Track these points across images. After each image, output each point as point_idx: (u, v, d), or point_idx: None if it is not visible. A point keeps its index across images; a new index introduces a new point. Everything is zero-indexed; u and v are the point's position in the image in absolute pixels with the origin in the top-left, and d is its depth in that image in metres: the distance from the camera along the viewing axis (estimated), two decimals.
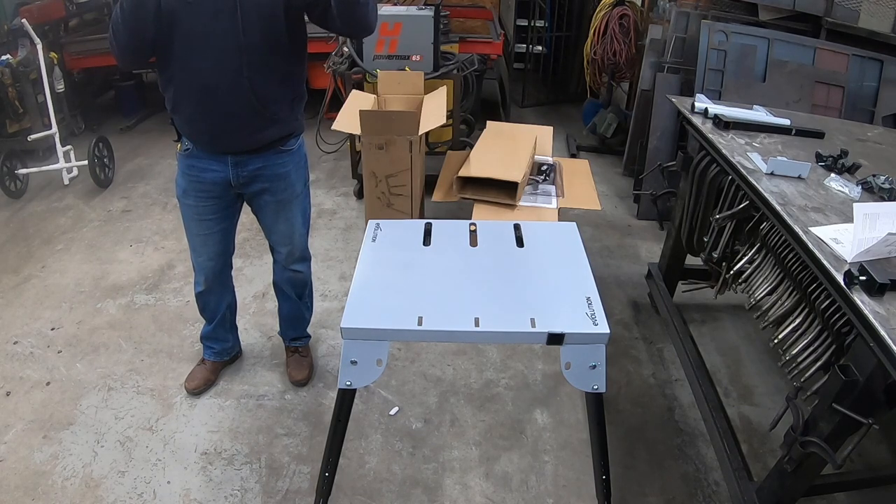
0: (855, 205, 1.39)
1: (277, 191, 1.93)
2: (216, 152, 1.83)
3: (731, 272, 1.92)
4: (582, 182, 2.87)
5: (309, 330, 2.37)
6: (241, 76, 1.67)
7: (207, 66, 1.66)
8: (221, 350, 2.28)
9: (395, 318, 1.35)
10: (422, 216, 3.12)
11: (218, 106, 1.71)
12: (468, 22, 4.67)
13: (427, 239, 1.64)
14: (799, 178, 1.73)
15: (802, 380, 1.49)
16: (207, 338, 2.26)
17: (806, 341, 1.49)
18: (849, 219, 1.46)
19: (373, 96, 3.18)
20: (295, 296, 2.22)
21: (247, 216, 2.09)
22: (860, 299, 1.23)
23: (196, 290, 2.15)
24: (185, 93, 1.73)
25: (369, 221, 1.71)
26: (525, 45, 5.52)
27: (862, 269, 1.26)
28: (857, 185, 1.69)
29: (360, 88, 3.36)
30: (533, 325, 1.31)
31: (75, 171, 3.81)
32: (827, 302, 1.40)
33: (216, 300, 2.18)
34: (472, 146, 3.01)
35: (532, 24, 5.31)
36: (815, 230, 1.45)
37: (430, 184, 3.07)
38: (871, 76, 3.06)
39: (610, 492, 1.66)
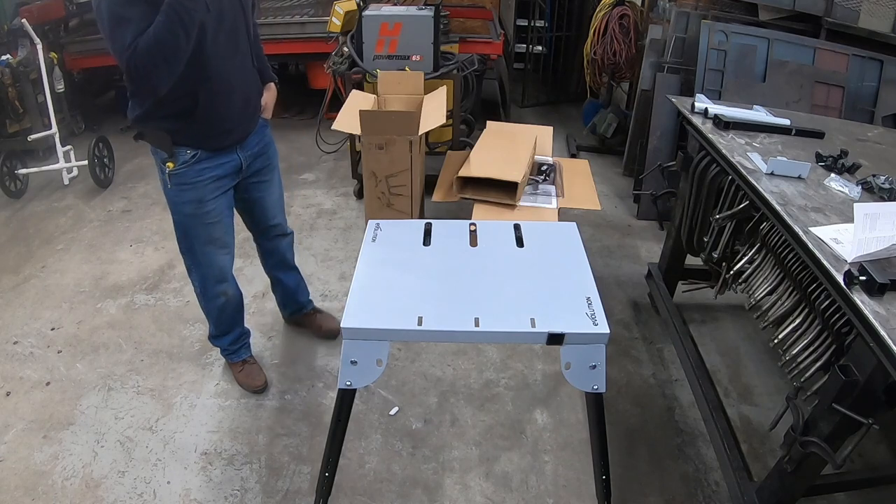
0: (855, 205, 1.39)
1: (272, 155, 2.06)
2: (230, 144, 1.86)
3: (731, 272, 1.92)
4: (582, 182, 2.86)
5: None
6: (252, 65, 1.88)
7: (233, 63, 1.76)
8: (249, 340, 2.31)
9: (395, 318, 1.35)
10: (422, 216, 3.12)
11: (239, 97, 1.83)
12: (468, 22, 4.67)
13: (427, 239, 1.64)
14: (799, 178, 1.73)
15: (802, 380, 1.49)
16: (243, 335, 2.26)
17: (806, 341, 1.49)
18: (849, 219, 1.46)
19: (373, 96, 3.18)
20: (293, 260, 2.33)
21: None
22: (860, 299, 1.23)
23: (220, 302, 2.09)
24: (212, 93, 1.73)
25: (369, 221, 1.71)
26: (525, 45, 5.52)
27: (862, 269, 1.26)
28: (857, 185, 1.69)
29: (360, 88, 3.36)
30: (533, 325, 1.31)
31: (75, 171, 3.81)
32: (827, 302, 1.40)
33: (239, 296, 2.18)
34: (472, 146, 3.01)
35: (532, 24, 5.31)
36: (815, 230, 1.45)
37: (430, 184, 3.07)
38: (871, 76, 3.06)
39: (610, 492, 1.66)
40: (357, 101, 3.04)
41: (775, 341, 1.60)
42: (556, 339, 1.31)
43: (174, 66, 1.56)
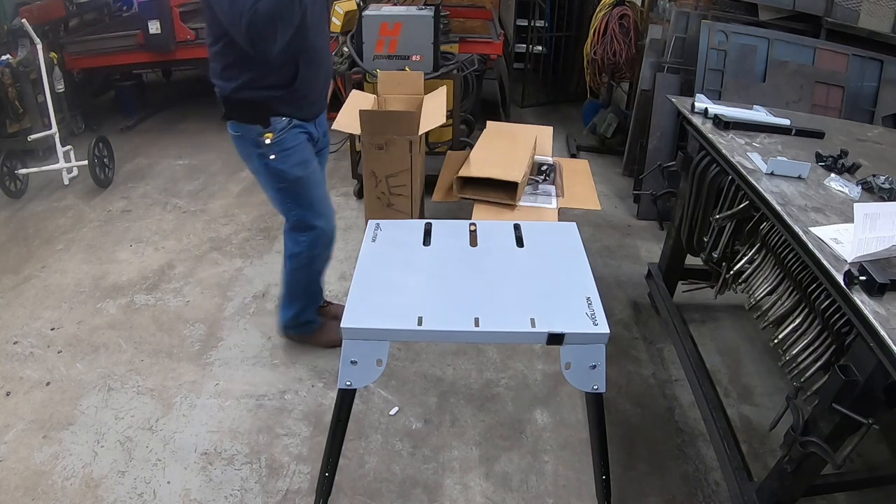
0: (855, 205, 1.39)
1: (328, 139, 2.20)
2: (313, 116, 2.00)
3: (731, 272, 1.92)
4: (582, 182, 2.86)
5: None
6: (329, 43, 2.08)
7: (323, 37, 1.92)
8: None
9: (395, 318, 1.35)
10: (422, 216, 3.12)
11: (325, 70, 1.99)
12: (468, 22, 4.67)
13: (427, 239, 1.64)
14: (799, 178, 1.73)
15: (802, 380, 1.49)
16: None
17: (806, 341, 1.49)
18: (849, 219, 1.45)
19: (373, 96, 3.18)
20: None
21: (247, 216, 2.09)
22: (860, 299, 1.22)
23: (322, 266, 2.28)
24: (309, 62, 1.86)
25: (369, 221, 1.71)
26: (525, 45, 5.52)
27: (862, 269, 1.25)
28: (857, 185, 1.69)
29: (360, 88, 3.36)
30: (533, 325, 1.31)
31: (75, 171, 3.81)
32: (827, 302, 1.40)
33: None
34: (472, 146, 3.01)
35: (532, 24, 5.31)
36: (815, 230, 1.45)
37: (430, 184, 3.07)
38: (871, 76, 3.06)
39: (610, 492, 1.66)
40: (357, 101, 3.04)
41: (775, 341, 1.60)
42: (556, 339, 1.31)
43: (288, 30, 1.68)
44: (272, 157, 1.91)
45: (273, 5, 1.60)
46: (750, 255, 1.81)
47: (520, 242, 1.64)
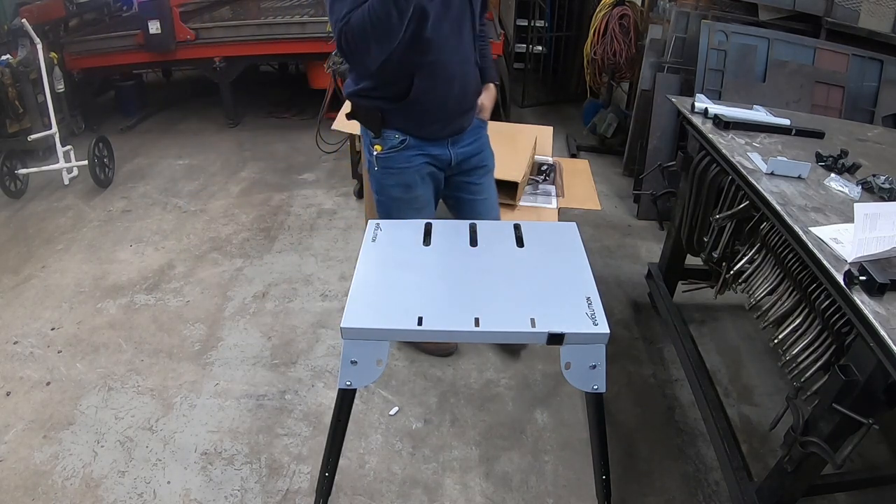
0: (855, 205, 1.39)
1: (487, 157, 2.06)
2: (442, 136, 1.88)
3: (731, 272, 1.92)
4: (582, 182, 2.86)
5: (309, 330, 2.38)
6: (474, 61, 1.84)
7: (454, 54, 1.75)
8: None
9: (395, 318, 1.34)
10: None
11: (457, 89, 1.81)
12: None
13: (427, 239, 1.64)
14: (799, 178, 1.73)
15: (802, 380, 1.49)
16: None
17: (806, 341, 1.49)
18: (849, 219, 1.45)
19: None
20: None
21: (247, 216, 2.09)
22: (860, 299, 1.22)
23: None
24: (429, 80, 1.74)
25: (369, 221, 1.71)
26: (525, 45, 5.53)
27: (862, 269, 1.25)
28: (857, 185, 1.69)
29: None
30: (533, 325, 1.31)
31: (75, 171, 3.81)
32: (827, 302, 1.40)
33: None
34: None
35: (532, 24, 5.31)
36: (815, 230, 1.45)
37: None
38: (871, 76, 3.06)
39: (610, 492, 1.66)
40: None
41: (775, 341, 1.60)
42: (556, 339, 1.31)
43: (384, 44, 1.57)
44: (376, 168, 1.89)
45: (365, 19, 1.51)
46: (750, 255, 1.81)
47: (520, 242, 1.64)
